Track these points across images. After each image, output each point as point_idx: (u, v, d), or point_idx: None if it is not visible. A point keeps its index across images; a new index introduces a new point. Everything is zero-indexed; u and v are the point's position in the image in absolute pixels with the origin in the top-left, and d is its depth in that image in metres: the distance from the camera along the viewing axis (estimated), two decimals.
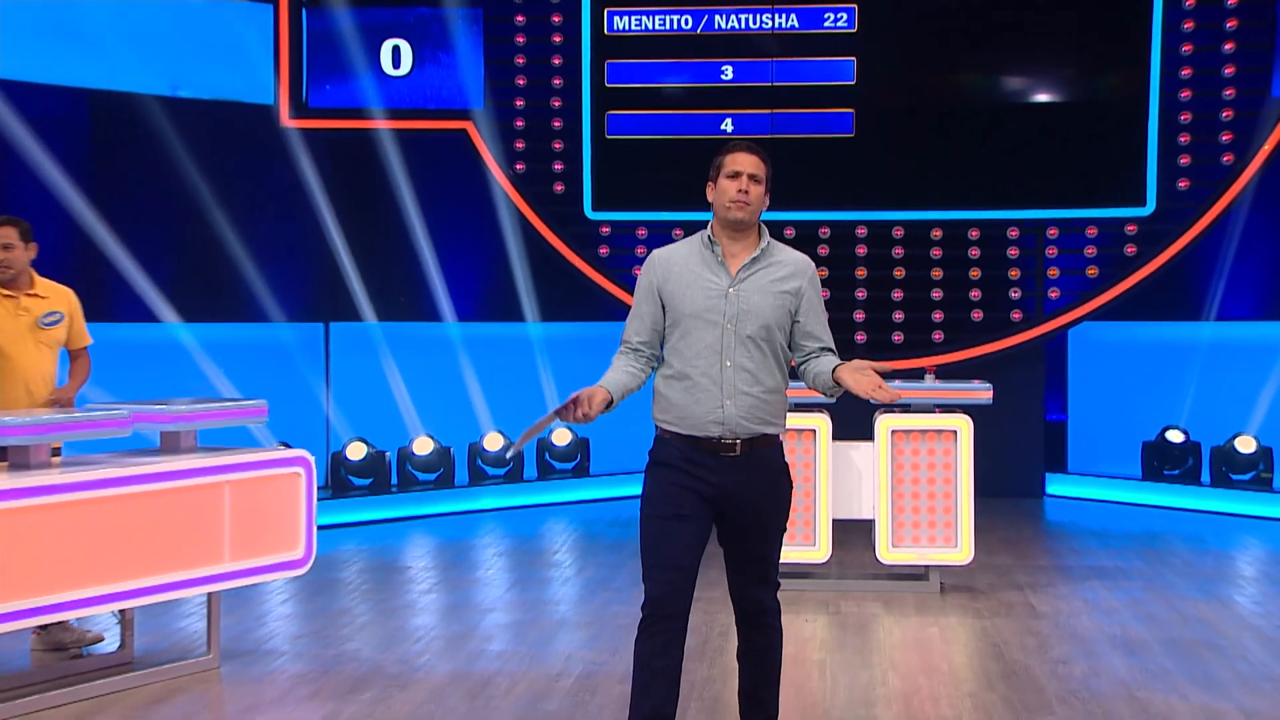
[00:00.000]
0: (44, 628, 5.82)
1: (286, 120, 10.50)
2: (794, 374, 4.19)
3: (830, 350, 4.12)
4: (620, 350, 4.09)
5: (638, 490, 4.50)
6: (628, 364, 4.03)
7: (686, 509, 3.92)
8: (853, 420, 7.45)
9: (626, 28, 10.66)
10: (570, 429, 10.57)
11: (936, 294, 10.51)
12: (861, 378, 3.88)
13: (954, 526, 7.02)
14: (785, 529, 4.09)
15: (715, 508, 3.97)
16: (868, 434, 7.13)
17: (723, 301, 3.97)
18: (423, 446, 10.08)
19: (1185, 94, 10.36)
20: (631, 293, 6.15)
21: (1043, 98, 10.59)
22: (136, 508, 5.07)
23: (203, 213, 10.04)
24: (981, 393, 7.11)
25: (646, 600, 3.90)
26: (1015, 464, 10.40)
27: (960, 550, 7.03)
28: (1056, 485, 10.57)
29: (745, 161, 4.08)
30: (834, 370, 3.98)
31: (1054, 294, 10.49)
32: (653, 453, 4.04)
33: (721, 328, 3.96)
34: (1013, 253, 10.52)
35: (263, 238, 10.38)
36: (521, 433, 3.85)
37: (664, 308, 4.04)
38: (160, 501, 5.14)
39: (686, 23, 10.65)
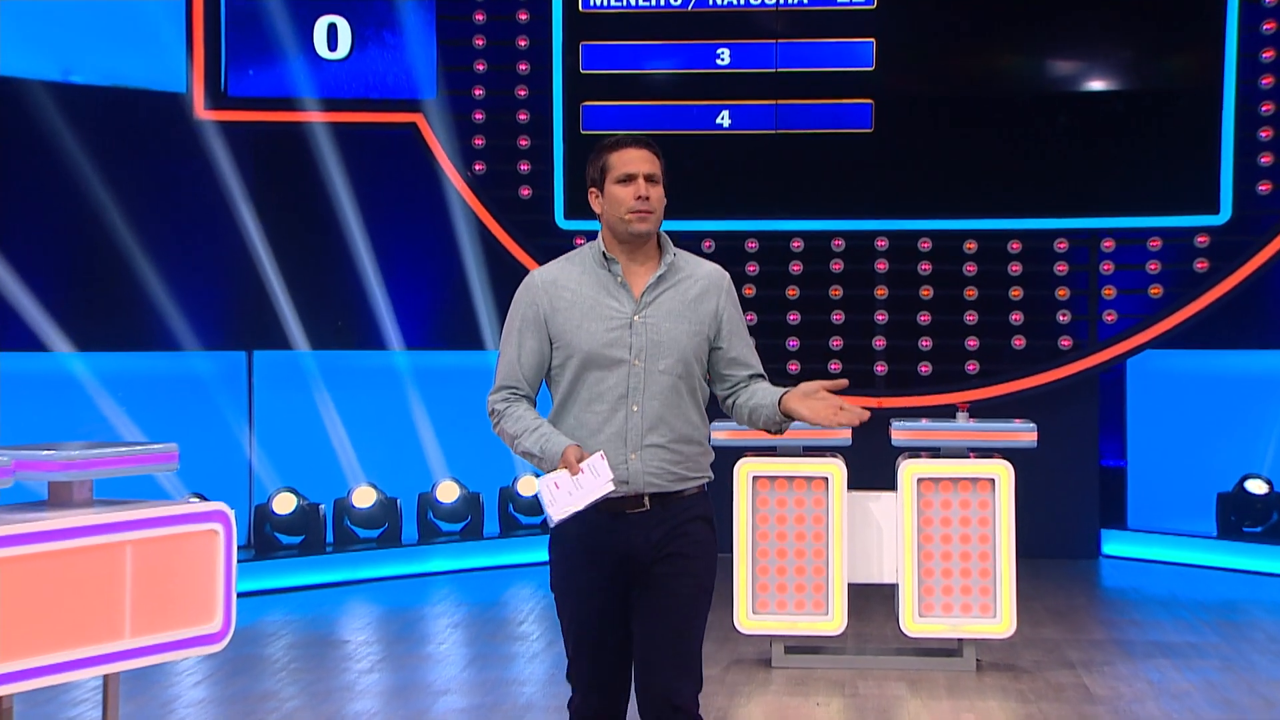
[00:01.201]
0: None
1: (201, 111, 10.48)
2: (718, 411, 4.15)
3: (761, 377, 4.09)
4: (506, 397, 3.99)
5: None
6: (528, 410, 3.96)
7: (602, 603, 3.91)
8: (871, 466, 7.43)
9: (604, 3, 10.69)
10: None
11: (970, 317, 10.52)
12: (818, 404, 3.84)
13: (992, 593, 7.00)
14: (709, 599, 3.98)
15: (626, 576, 3.92)
16: (889, 482, 7.12)
17: (627, 333, 3.90)
18: (364, 498, 10.03)
19: (1267, 80, 10.40)
20: None
21: (1097, 85, 10.64)
22: (17, 574, 5.01)
23: (101, 221, 10.01)
24: (1024, 434, 7.11)
25: (573, 716, 4.00)
26: (1065, 519, 10.39)
27: (1000, 621, 7.01)
28: (1114, 544, 10.56)
29: (638, 160, 3.98)
30: (780, 400, 3.92)
31: (1110, 317, 10.52)
32: (552, 530, 3.98)
33: (628, 365, 3.88)
34: (1060, 269, 10.54)
35: (173, 250, 10.36)
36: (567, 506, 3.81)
37: (551, 343, 3.96)
38: (47, 566, 5.08)
39: None
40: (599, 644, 3.93)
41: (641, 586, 3.92)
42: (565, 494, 3.74)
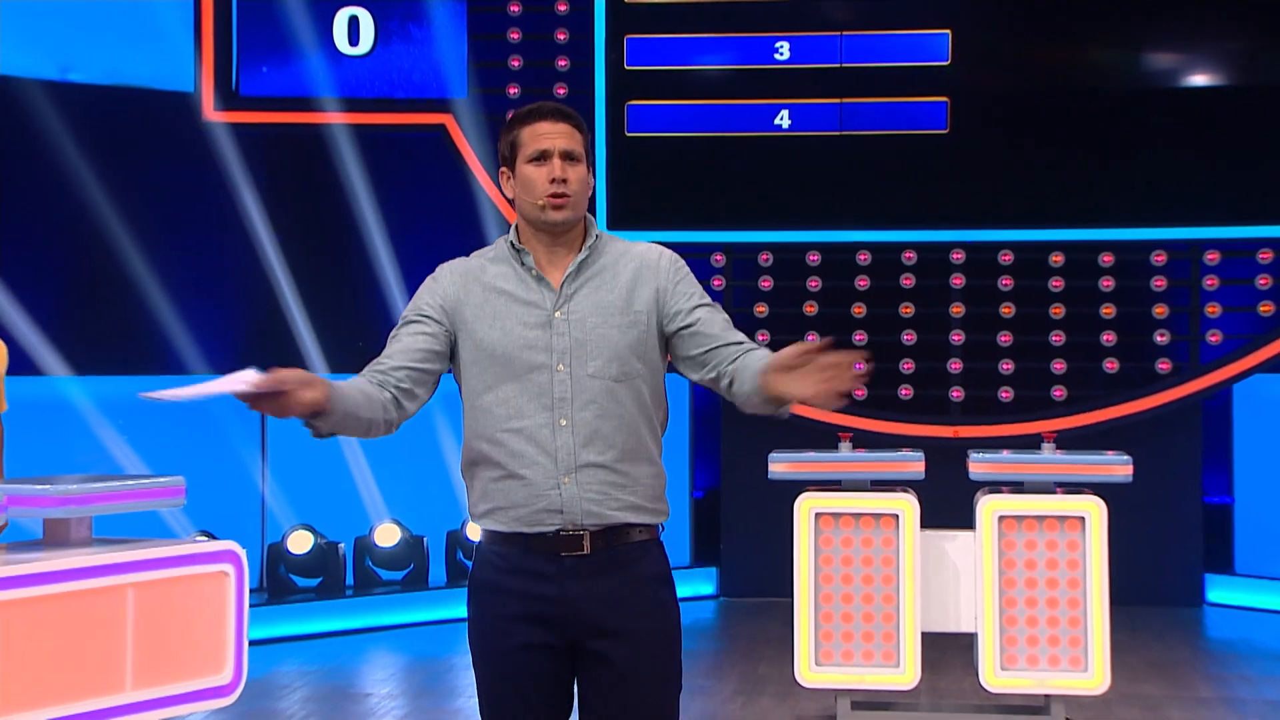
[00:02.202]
0: None
1: (211, 112, 10.56)
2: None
3: (742, 345, 3.64)
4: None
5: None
6: (363, 385, 3.64)
7: (530, 668, 3.55)
8: (947, 502, 7.39)
9: None
10: None
11: (1057, 338, 10.47)
12: (806, 379, 3.35)
13: (1083, 643, 6.95)
14: (678, 682, 3.64)
15: (564, 640, 3.56)
16: (967, 520, 7.07)
17: (546, 332, 3.57)
18: (388, 536, 10.04)
19: None
20: None
21: (1199, 80, 10.58)
22: (8, 620, 5.03)
23: (100, 232, 10.07)
24: (1117, 467, 7.06)
25: None
26: (1164, 562, 10.31)
27: (1092, 675, 6.95)
28: (1220, 590, 10.48)
29: (554, 134, 3.62)
30: (760, 375, 3.44)
31: (1214, 338, 10.45)
32: (471, 575, 3.72)
33: (551, 370, 3.55)
34: (1158, 284, 10.48)
35: (179, 264, 10.41)
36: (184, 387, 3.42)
37: (455, 341, 3.67)
38: (41, 611, 5.10)
39: None
40: (517, 712, 3.58)
41: (587, 668, 3.58)
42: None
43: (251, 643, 5.78)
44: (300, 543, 9.84)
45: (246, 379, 3.36)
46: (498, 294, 3.65)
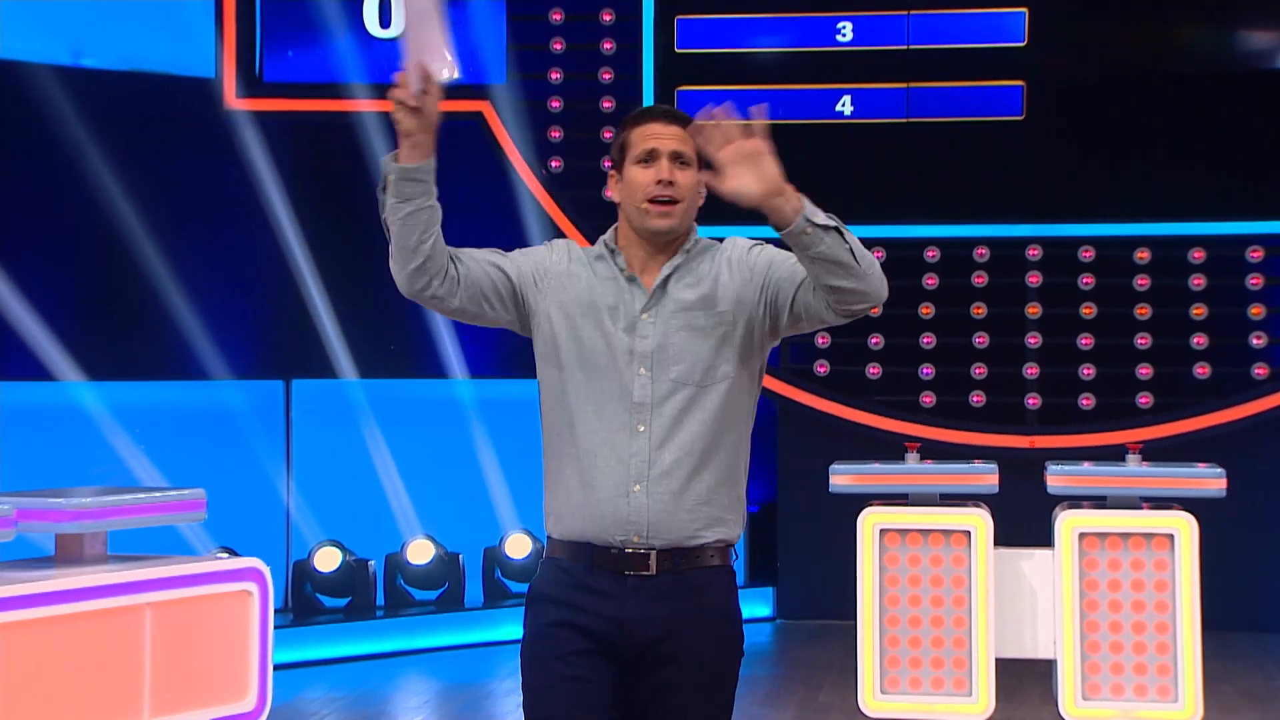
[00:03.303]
0: None
1: (233, 100, 10.61)
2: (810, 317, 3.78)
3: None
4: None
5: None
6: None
7: (580, 683, 3.63)
8: (1023, 517, 7.37)
9: None
10: None
11: (1143, 340, 10.42)
12: (746, 172, 3.48)
13: (1172, 672, 6.92)
14: (729, 709, 3.72)
15: (616, 662, 3.65)
16: (1045, 538, 7.05)
17: (630, 336, 3.68)
18: (421, 553, 10.07)
19: None
20: None
21: None
22: (19, 641, 5.07)
23: (115, 228, 10.13)
24: (1209, 481, 7.03)
25: None
26: (1260, 584, 10.25)
27: (1182, 706, 6.92)
28: None
29: (664, 135, 3.71)
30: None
31: None
32: (533, 582, 3.83)
33: (632, 374, 3.66)
34: (1254, 282, 10.42)
35: (198, 262, 10.46)
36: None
37: (528, 314, 3.79)
38: (53, 632, 5.14)
39: None
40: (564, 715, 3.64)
41: (641, 694, 3.68)
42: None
43: (276, 667, 5.82)
44: (328, 560, 9.88)
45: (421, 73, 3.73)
46: (588, 288, 3.74)
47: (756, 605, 10.67)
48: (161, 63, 10.65)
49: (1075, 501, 7.09)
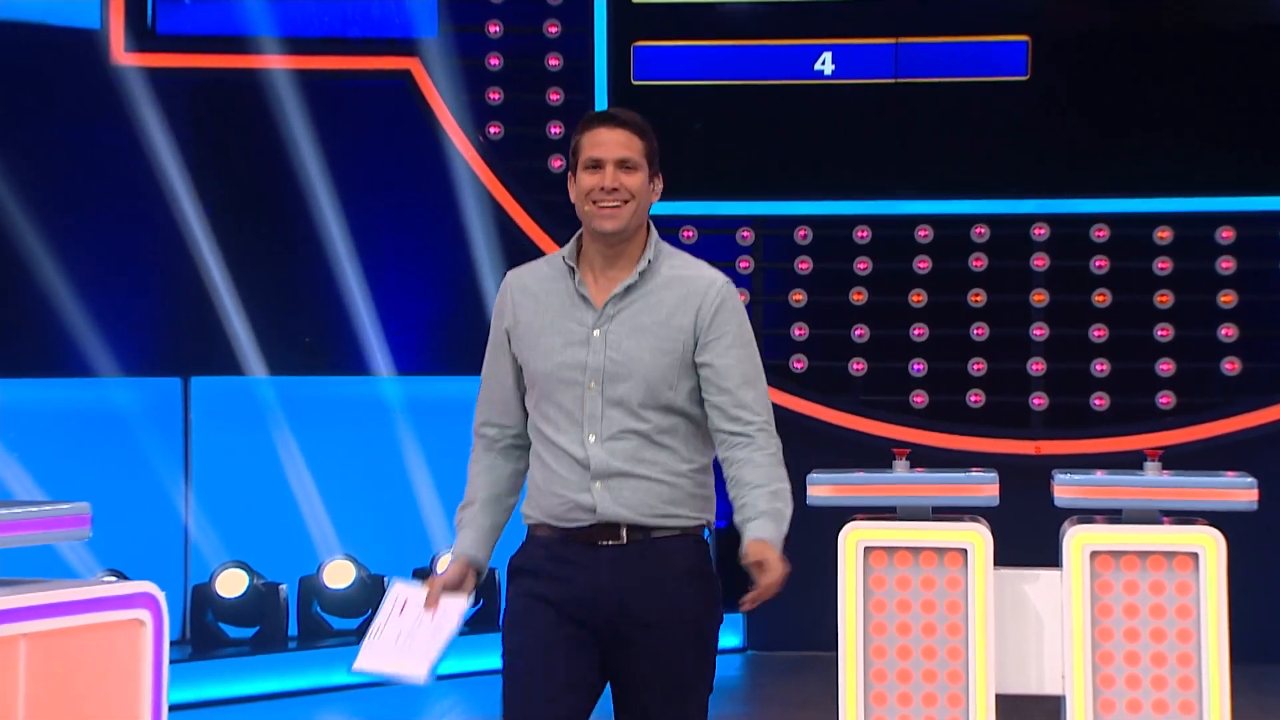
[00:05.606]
0: None
1: (121, 55, 10.56)
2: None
3: (756, 434, 4.43)
4: (478, 444, 4.57)
5: None
6: (489, 469, 4.52)
7: (556, 633, 4.24)
8: (1027, 533, 7.40)
9: None
10: None
11: (1163, 332, 10.47)
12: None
13: (1197, 709, 6.95)
14: (709, 677, 4.43)
15: (595, 631, 4.26)
16: (1052, 557, 7.08)
17: (583, 350, 4.29)
18: (340, 575, 10.06)
19: None
20: None
21: None
22: None
23: None
24: (1238, 492, 7.06)
25: None
26: None
27: None
28: None
29: (610, 142, 4.28)
30: (747, 533, 4.41)
31: None
32: (512, 559, 4.40)
33: (581, 388, 4.28)
34: None
35: (83, 242, 10.43)
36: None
37: (515, 359, 4.41)
38: None
39: None
40: (543, 681, 4.22)
41: (620, 656, 4.30)
42: (392, 633, 4.30)
43: (172, 707, 5.80)
44: (232, 584, 9.86)
45: (416, 598, 4.37)
46: (550, 307, 4.33)
47: (725, 635, 10.63)
48: (38, 12, 10.60)
49: (1086, 515, 7.11)
